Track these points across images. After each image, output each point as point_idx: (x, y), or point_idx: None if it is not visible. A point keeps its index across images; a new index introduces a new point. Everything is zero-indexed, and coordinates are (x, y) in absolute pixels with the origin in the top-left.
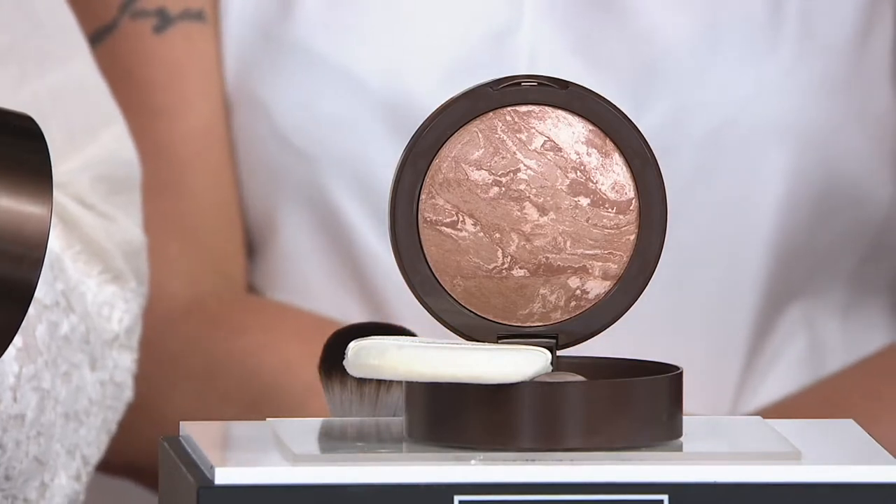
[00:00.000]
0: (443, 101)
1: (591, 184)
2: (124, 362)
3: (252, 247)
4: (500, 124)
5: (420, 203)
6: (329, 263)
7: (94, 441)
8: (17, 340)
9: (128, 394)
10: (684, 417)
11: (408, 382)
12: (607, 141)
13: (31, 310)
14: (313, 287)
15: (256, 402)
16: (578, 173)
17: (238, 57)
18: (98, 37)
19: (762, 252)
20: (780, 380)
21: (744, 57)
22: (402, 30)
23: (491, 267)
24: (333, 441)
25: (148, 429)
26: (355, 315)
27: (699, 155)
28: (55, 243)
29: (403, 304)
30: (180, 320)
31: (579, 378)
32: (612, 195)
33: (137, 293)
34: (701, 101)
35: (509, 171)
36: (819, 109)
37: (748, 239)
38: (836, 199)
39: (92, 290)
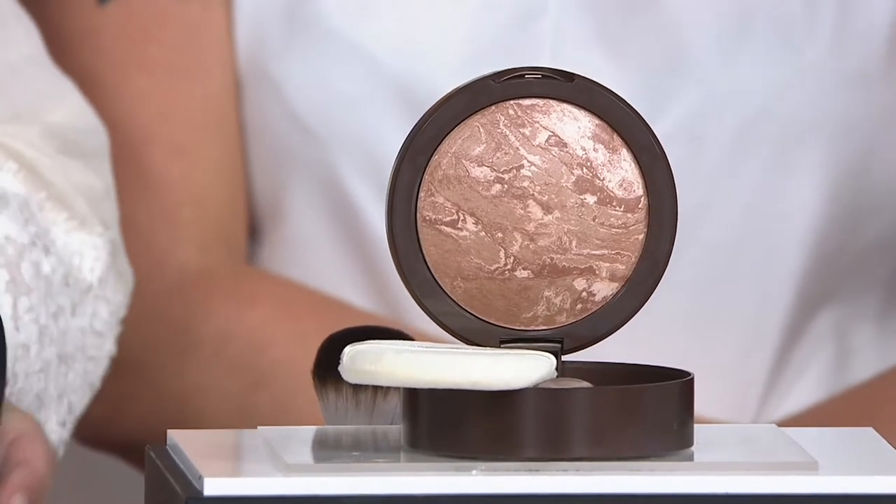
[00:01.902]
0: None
1: (597, 181)
2: (102, 313)
3: (258, 230)
4: (503, 118)
5: (419, 201)
6: (338, 250)
7: (78, 389)
8: (4, 273)
9: (109, 346)
10: (696, 425)
11: (406, 389)
12: (615, 136)
13: (10, 249)
14: (321, 273)
15: (264, 376)
16: (584, 170)
17: (250, 31)
18: None
19: (795, 253)
20: (808, 388)
21: (776, 46)
22: (423, 8)
23: (493, 268)
24: (327, 450)
25: (148, 399)
26: (363, 305)
27: (729, 149)
28: (20, 188)
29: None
30: (190, 288)
31: (586, 384)
32: (619, 193)
33: (105, 237)
34: (730, 93)
35: (512, 168)
36: (855, 103)
37: (780, 239)
38: (872, 198)
39: (61, 238)
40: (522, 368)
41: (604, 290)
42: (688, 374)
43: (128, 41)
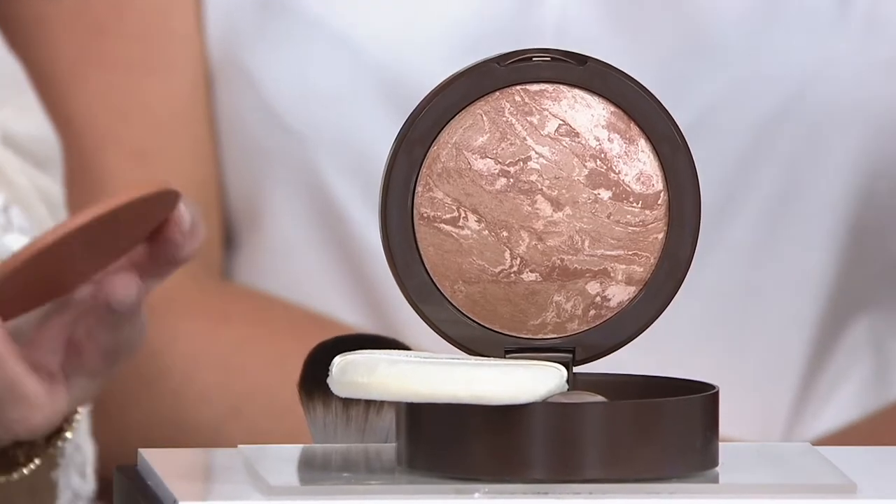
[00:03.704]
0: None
1: (612, 174)
2: None
3: (234, 238)
4: (508, 105)
5: (416, 197)
6: (322, 256)
7: None
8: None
9: None
10: (722, 444)
11: (401, 403)
12: (632, 125)
13: None
14: (303, 283)
15: (239, 404)
16: (598, 162)
17: (222, 21)
18: None
19: (827, 254)
20: (844, 404)
21: (807, 28)
22: None
23: (498, 270)
24: (315, 471)
25: (112, 432)
26: (350, 316)
27: (755, 140)
28: None
29: (405, 305)
30: (153, 310)
31: (599, 398)
32: (637, 187)
33: None
34: (757, 79)
35: (518, 160)
36: (888, 93)
37: (808, 240)
38: None
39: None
40: (530, 381)
41: (619, 294)
42: (712, 386)
43: (83, 33)
